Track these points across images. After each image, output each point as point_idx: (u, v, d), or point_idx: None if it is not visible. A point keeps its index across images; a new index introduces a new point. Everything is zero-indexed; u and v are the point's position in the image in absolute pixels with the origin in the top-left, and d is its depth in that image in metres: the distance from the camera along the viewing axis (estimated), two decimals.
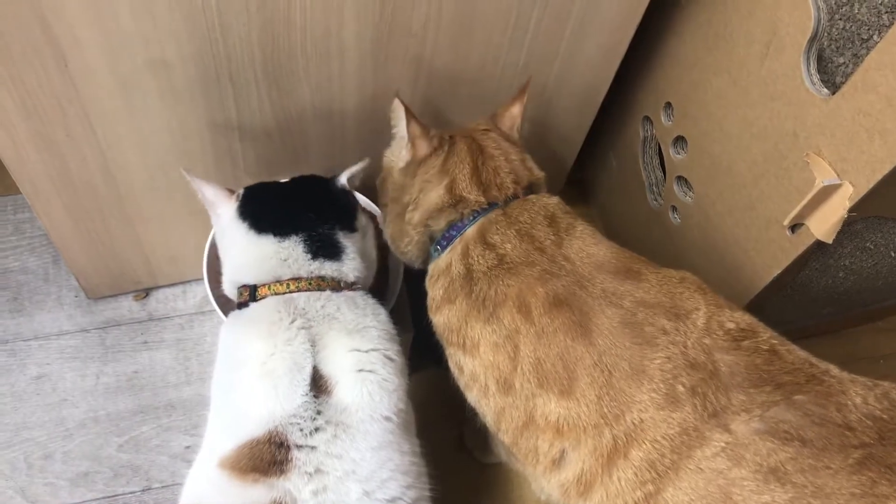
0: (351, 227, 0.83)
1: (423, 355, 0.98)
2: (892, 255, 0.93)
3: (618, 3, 0.87)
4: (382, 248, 0.90)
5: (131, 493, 1.01)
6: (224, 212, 0.82)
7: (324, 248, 0.80)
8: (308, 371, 0.73)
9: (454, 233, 0.81)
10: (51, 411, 1.04)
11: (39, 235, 1.15)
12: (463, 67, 0.88)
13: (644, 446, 0.67)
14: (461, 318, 0.77)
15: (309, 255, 0.80)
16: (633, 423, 0.67)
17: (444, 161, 0.81)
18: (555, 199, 0.82)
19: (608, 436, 0.68)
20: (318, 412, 0.72)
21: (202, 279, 1.10)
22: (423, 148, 0.81)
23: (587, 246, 0.75)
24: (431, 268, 0.83)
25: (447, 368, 0.88)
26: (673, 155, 0.99)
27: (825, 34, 0.79)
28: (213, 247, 0.97)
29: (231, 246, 0.83)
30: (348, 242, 0.82)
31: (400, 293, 0.96)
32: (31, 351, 1.08)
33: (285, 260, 0.79)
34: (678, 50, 0.96)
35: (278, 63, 0.80)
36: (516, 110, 0.86)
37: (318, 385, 0.73)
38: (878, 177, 0.69)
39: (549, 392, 0.70)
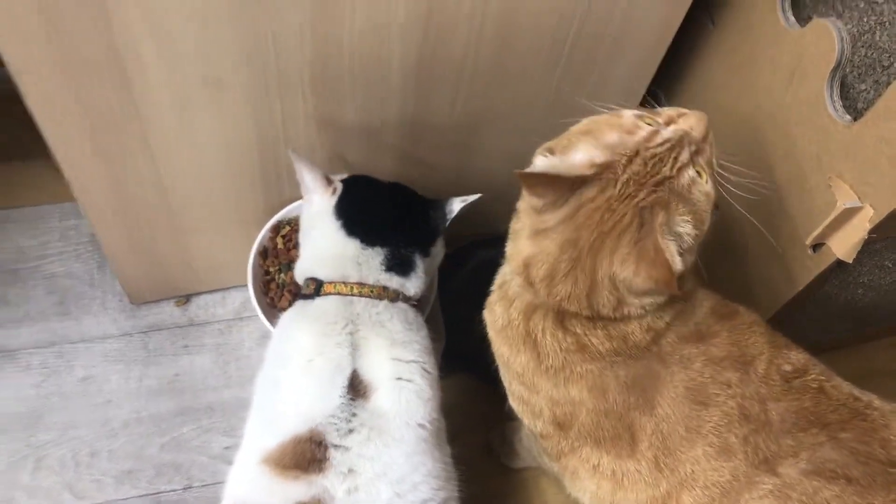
0: (426, 252, 0.89)
1: (453, 363, 1.03)
2: None
3: (649, 26, 0.91)
4: None
5: (173, 490, 1.05)
6: (319, 201, 0.88)
7: (398, 265, 0.87)
8: (347, 374, 0.78)
9: None
10: (96, 411, 1.09)
11: (85, 242, 1.20)
12: (499, 86, 0.93)
13: (695, 492, 0.72)
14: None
15: (383, 267, 0.86)
16: (687, 475, 0.72)
17: None
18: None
19: (664, 485, 0.73)
20: (354, 414, 0.77)
21: (241, 286, 1.16)
22: None
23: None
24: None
25: (478, 377, 0.92)
26: None
27: (848, 62, 0.84)
28: (257, 256, 1.02)
29: (317, 235, 0.88)
30: (420, 263, 0.88)
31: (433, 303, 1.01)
32: (78, 353, 1.13)
33: (360, 264, 0.86)
34: (706, 73, 1.01)
35: (326, 83, 0.85)
36: None
37: (356, 388, 0.78)
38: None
39: (603, 450, 0.75)
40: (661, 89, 1.09)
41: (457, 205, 0.91)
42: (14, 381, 1.10)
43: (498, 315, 0.79)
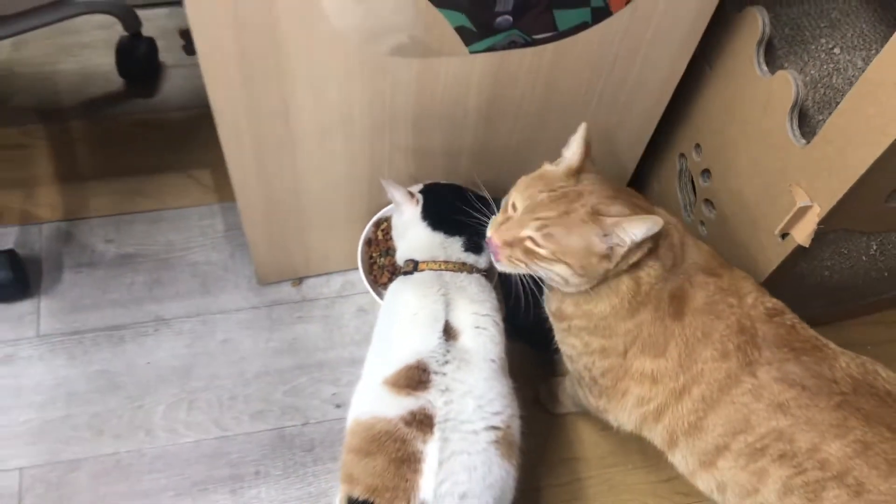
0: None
1: (511, 332, 1.30)
2: (864, 259, 1.24)
3: (659, 76, 1.20)
4: None
5: (294, 426, 1.32)
6: (408, 210, 1.17)
7: (473, 247, 1.15)
8: (442, 323, 1.06)
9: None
10: (234, 366, 1.37)
11: (219, 237, 1.51)
12: (546, 120, 1.23)
13: (702, 386, 0.98)
14: (614, 320, 1.01)
15: (463, 249, 1.15)
16: (698, 372, 0.98)
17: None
18: (673, 219, 1.04)
19: (681, 381, 0.99)
20: (448, 351, 1.03)
21: (341, 271, 1.47)
22: None
23: (692, 254, 1.03)
24: (600, 291, 1.00)
25: (531, 344, 1.19)
26: (701, 183, 1.32)
27: (809, 97, 1.11)
28: (364, 245, 1.32)
29: (411, 234, 1.17)
30: (485, 244, 1.16)
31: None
32: (217, 322, 1.42)
33: (445, 249, 1.14)
34: (705, 105, 1.28)
35: (421, 122, 1.15)
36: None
37: (448, 333, 1.06)
38: (834, 201, 1.00)
39: (647, 355, 1.02)
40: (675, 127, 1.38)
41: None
42: (170, 342, 1.38)
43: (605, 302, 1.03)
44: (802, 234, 1.08)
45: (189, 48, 1.37)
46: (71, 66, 1.71)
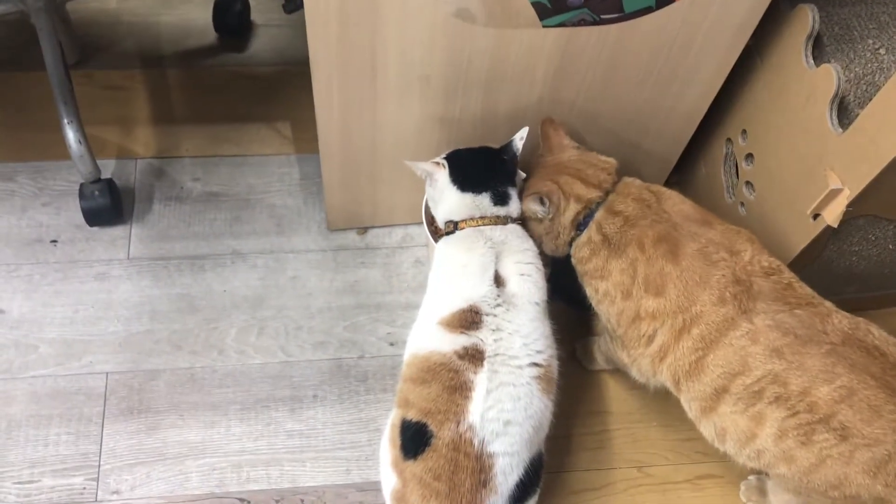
0: (513, 183, 1.26)
1: (554, 293, 1.40)
2: (891, 247, 1.32)
3: (713, 64, 1.30)
4: None
5: (351, 358, 1.45)
6: (439, 177, 1.25)
7: (500, 199, 1.23)
8: (492, 272, 1.16)
9: (588, 219, 1.22)
10: (301, 300, 1.50)
11: (295, 184, 1.65)
12: (605, 95, 1.33)
13: (700, 326, 1.08)
14: (602, 261, 1.19)
15: (492, 203, 1.22)
16: (696, 312, 1.09)
17: (566, 195, 1.22)
18: (637, 179, 1.23)
19: (680, 319, 1.10)
20: (498, 295, 1.13)
21: (403, 224, 1.59)
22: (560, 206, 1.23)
23: (677, 204, 1.17)
24: (576, 244, 1.24)
25: (571, 304, 1.31)
26: (744, 166, 1.42)
27: (851, 92, 1.20)
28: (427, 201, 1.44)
29: (445, 198, 1.26)
30: (512, 192, 1.25)
31: None
32: (288, 260, 1.55)
33: (478, 206, 1.22)
34: (753, 94, 1.38)
35: (494, 84, 1.26)
36: (566, 139, 1.28)
37: (498, 281, 1.16)
38: (863, 185, 1.10)
39: (650, 294, 1.13)
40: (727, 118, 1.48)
41: (518, 142, 1.25)
42: (245, 274, 1.52)
43: (585, 249, 1.23)
44: (832, 215, 1.17)
45: (289, 5, 1.50)
46: (171, 19, 1.87)
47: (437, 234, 1.43)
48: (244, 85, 1.78)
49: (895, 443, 0.99)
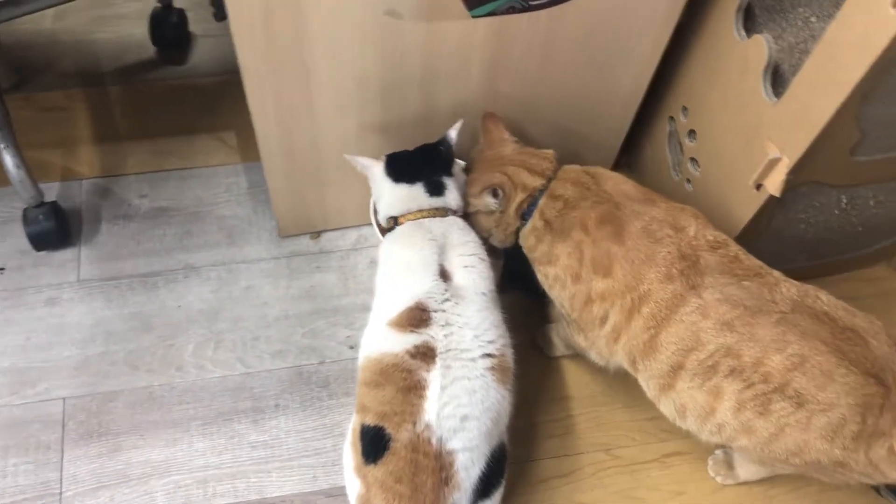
0: (449, 173, 1.25)
1: (511, 283, 1.40)
2: (836, 212, 1.33)
3: (647, 43, 1.30)
4: None
5: (311, 364, 1.43)
6: (376, 172, 1.26)
7: (435, 188, 1.23)
8: (436, 267, 1.15)
9: (533, 207, 1.23)
10: (256, 310, 1.48)
11: (243, 193, 1.63)
12: (544, 82, 1.33)
13: (650, 305, 1.08)
14: (548, 246, 1.20)
15: (427, 194, 1.22)
16: (645, 291, 1.09)
17: (515, 185, 1.23)
18: (577, 165, 1.24)
19: (629, 299, 1.10)
20: (445, 290, 1.12)
21: (355, 226, 1.58)
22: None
23: (618, 184, 1.18)
24: (523, 233, 1.25)
25: (528, 293, 1.31)
26: (688, 143, 1.42)
27: (786, 62, 1.20)
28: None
29: (382, 193, 1.26)
30: (449, 183, 1.24)
31: None
32: (241, 270, 1.53)
33: (414, 198, 1.22)
34: (691, 70, 1.38)
35: (430, 79, 1.26)
36: (506, 134, 1.29)
37: (443, 275, 1.15)
38: (800, 153, 1.11)
39: (598, 275, 1.13)
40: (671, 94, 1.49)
41: (452, 133, 1.25)
42: (198, 288, 1.50)
43: (532, 237, 1.25)
44: (774, 184, 1.18)
45: (218, 14, 1.49)
46: (108, 36, 1.85)
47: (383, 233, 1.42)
48: (186, 97, 1.76)
49: (849, 406, 1.00)
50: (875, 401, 0.99)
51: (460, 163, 1.33)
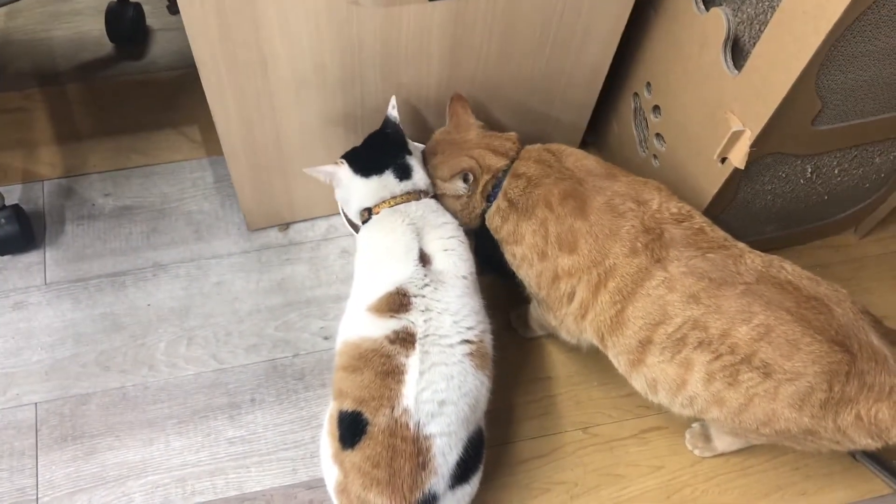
0: (408, 151, 1.24)
1: (484, 266, 1.40)
2: (801, 182, 1.34)
3: (607, 20, 1.30)
4: None
5: (285, 357, 1.43)
6: (342, 175, 1.23)
7: (402, 172, 1.21)
8: (416, 251, 1.15)
9: (497, 189, 1.22)
10: (228, 305, 1.48)
11: (210, 188, 1.61)
12: (506, 64, 1.33)
13: (616, 279, 1.09)
14: (513, 225, 1.20)
15: (397, 179, 1.21)
16: (610, 266, 1.09)
17: (482, 168, 1.23)
18: (538, 144, 1.24)
19: (595, 274, 1.10)
20: (425, 275, 1.12)
21: (325, 216, 1.57)
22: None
23: (579, 160, 1.18)
24: (488, 214, 1.25)
25: (501, 275, 1.31)
26: (653, 119, 1.42)
27: (745, 33, 1.20)
28: None
29: (354, 191, 1.24)
30: (412, 162, 1.22)
31: None
32: (211, 266, 1.52)
33: (385, 186, 1.21)
34: (652, 46, 1.38)
35: (389, 66, 1.25)
36: (472, 118, 1.28)
37: (423, 259, 1.15)
38: (763, 124, 1.11)
39: (564, 252, 1.13)
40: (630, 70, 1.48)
41: (392, 112, 1.24)
42: (168, 286, 1.49)
43: (497, 217, 1.25)
44: (738, 156, 1.18)
45: (173, 7, 1.47)
46: (64, 33, 1.81)
47: (353, 225, 1.41)
48: (147, 92, 1.73)
49: (815, 374, 1.01)
50: (841, 368, 1.00)
51: (418, 146, 1.32)
